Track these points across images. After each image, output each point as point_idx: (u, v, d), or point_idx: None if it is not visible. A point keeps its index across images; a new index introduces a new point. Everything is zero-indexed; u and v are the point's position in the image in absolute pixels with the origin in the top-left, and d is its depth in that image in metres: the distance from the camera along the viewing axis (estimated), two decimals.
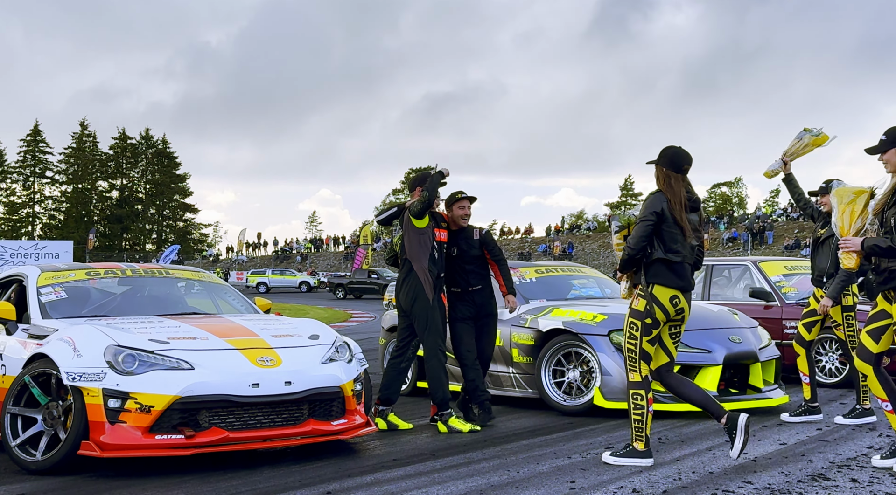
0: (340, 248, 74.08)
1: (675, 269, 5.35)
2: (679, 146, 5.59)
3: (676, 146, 5.59)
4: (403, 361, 7.06)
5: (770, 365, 7.85)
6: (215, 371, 5.37)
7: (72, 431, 5.18)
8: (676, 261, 5.33)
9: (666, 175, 5.45)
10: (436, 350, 6.82)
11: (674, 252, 5.33)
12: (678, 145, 5.59)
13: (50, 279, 6.55)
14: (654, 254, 5.33)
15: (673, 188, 5.40)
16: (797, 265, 10.87)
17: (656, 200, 5.39)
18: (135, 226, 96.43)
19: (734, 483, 4.88)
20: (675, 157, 5.49)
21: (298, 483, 5.00)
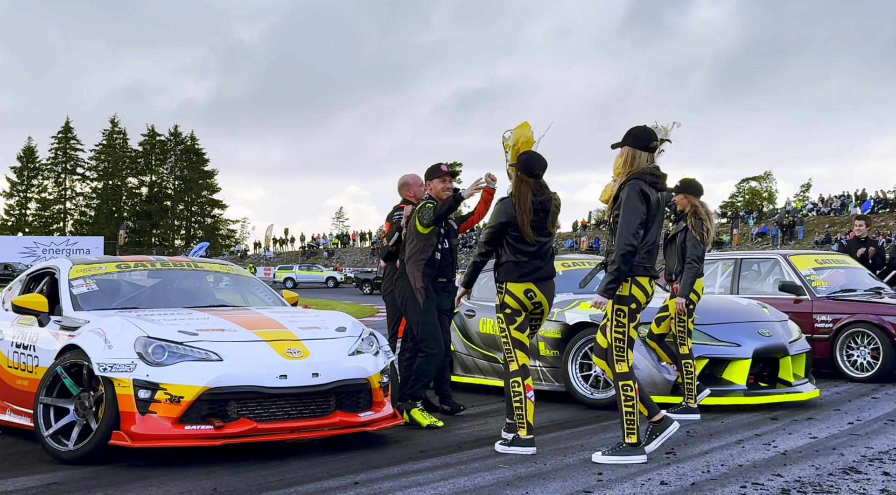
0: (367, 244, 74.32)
1: (523, 266, 5.60)
2: (536, 152, 5.83)
3: (533, 152, 5.83)
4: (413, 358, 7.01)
5: (800, 359, 7.77)
6: (243, 362, 5.39)
7: (103, 421, 5.24)
8: (523, 260, 5.61)
9: (518, 179, 5.70)
10: (430, 345, 6.75)
11: (520, 253, 5.61)
12: (535, 152, 5.84)
13: (81, 272, 6.61)
14: (503, 256, 5.68)
15: (521, 193, 5.63)
16: (828, 258, 10.75)
17: (502, 209, 5.70)
18: (164, 222, 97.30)
19: (764, 476, 4.84)
20: (528, 162, 5.71)
21: (326, 473, 5.02)
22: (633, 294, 5.34)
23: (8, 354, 6.35)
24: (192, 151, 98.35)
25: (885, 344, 9.12)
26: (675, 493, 4.45)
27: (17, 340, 6.31)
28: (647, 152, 5.43)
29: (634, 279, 5.32)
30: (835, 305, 9.62)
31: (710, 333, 7.38)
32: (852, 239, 12.17)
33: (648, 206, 5.31)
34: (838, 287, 10.03)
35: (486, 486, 4.64)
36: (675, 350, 7.03)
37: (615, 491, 4.51)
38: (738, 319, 7.67)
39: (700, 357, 7.21)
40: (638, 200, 5.26)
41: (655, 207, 5.38)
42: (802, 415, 6.97)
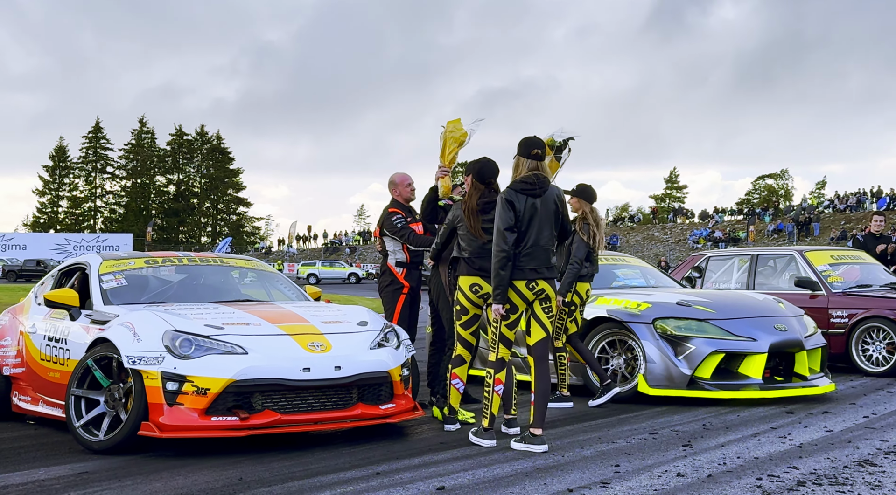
0: None
1: (470, 262, 5.91)
2: (490, 160, 6.11)
3: (487, 159, 6.11)
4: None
5: (816, 353, 7.72)
6: (268, 355, 5.41)
7: (132, 413, 5.28)
8: (466, 256, 5.95)
9: (471, 184, 6.04)
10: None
11: (464, 250, 5.97)
12: (490, 159, 6.12)
13: (111, 267, 6.66)
14: (455, 253, 6.09)
15: (472, 197, 5.98)
16: (843, 254, 10.66)
17: (454, 210, 6.16)
18: (190, 219, 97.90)
19: (780, 468, 4.81)
20: (483, 169, 6.05)
21: (349, 464, 5.03)
22: (509, 296, 5.57)
23: (41, 347, 6.42)
24: (218, 150, 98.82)
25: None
26: (692, 485, 4.43)
27: (49, 334, 6.37)
28: (529, 159, 5.63)
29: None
30: (850, 300, 9.55)
31: (727, 328, 7.34)
32: (868, 234, 12.07)
33: (516, 212, 5.50)
34: (854, 282, 9.96)
35: (504, 477, 4.64)
36: (551, 343, 6.98)
37: (632, 482, 4.50)
38: (754, 314, 7.63)
39: (716, 351, 7.18)
40: (502, 209, 5.51)
41: (529, 212, 5.53)
42: (818, 409, 6.92)
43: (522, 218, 5.50)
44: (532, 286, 5.52)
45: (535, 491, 4.31)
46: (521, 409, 6.38)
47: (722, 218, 61.70)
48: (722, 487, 4.38)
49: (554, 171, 6.90)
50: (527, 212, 5.50)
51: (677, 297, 7.75)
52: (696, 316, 7.40)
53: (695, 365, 7.14)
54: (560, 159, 6.89)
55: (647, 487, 4.39)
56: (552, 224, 5.62)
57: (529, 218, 5.51)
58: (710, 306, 7.58)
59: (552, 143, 6.83)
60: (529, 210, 5.51)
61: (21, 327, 6.83)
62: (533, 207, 5.53)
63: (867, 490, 4.32)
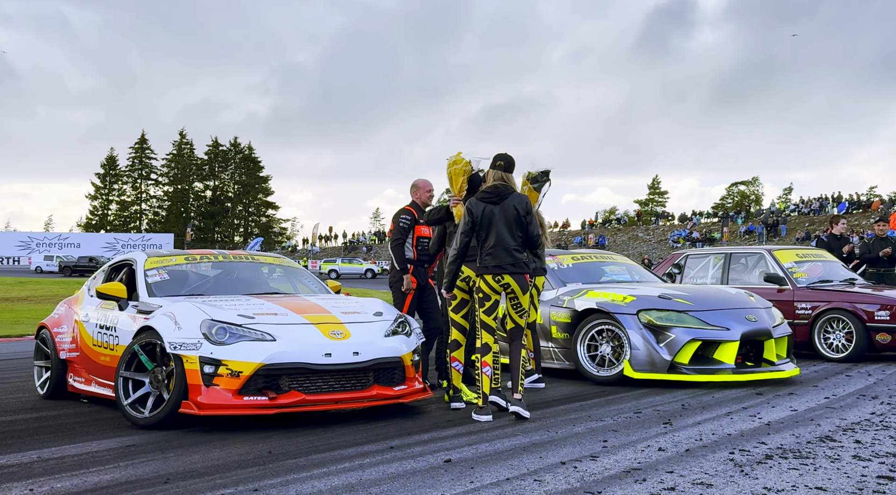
0: None
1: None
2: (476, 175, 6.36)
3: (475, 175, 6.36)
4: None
5: (783, 341, 7.70)
6: (294, 342, 5.43)
7: (174, 392, 5.30)
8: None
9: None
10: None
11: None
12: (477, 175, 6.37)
13: (155, 263, 6.68)
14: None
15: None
16: (808, 253, 10.64)
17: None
18: (225, 220, 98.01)
19: (750, 443, 4.80)
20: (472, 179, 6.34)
21: (365, 439, 5.04)
22: (480, 287, 5.76)
23: (93, 334, 6.44)
24: (249, 160, 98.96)
25: (858, 328, 9.03)
26: (672, 458, 4.43)
27: (100, 322, 6.39)
28: (493, 170, 5.91)
29: (481, 276, 5.76)
30: (813, 294, 9.53)
31: (703, 318, 7.33)
32: (831, 235, 12.03)
33: (473, 218, 5.77)
34: (817, 278, 9.94)
35: (504, 451, 4.64)
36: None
37: (618, 455, 4.49)
38: (727, 306, 7.62)
39: (694, 339, 7.17)
40: (464, 215, 5.82)
41: (487, 216, 5.74)
42: (784, 391, 6.90)
43: (481, 223, 5.75)
44: (498, 279, 5.71)
45: (532, 463, 4.31)
46: None
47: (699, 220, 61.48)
48: (698, 460, 4.37)
49: (534, 202, 6.86)
50: (485, 218, 5.74)
51: (659, 291, 7.75)
52: (675, 308, 7.39)
53: (674, 351, 7.13)
54: (539, 190, 6.88)
55: (631, 460, 4.39)
56: (513, 227, 5.74)
57: (488, 222, 5.73)
58: (689, 299, 7.57)
59: (531, 176, 6.87)
60: (488, 215, 5.74)
61: (76, 316, 6.87)
62: (491, 213, 5.74)
63: (827, 462, 4.31)
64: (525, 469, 4.19)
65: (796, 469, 4.18)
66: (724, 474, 4.07)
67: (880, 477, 4.00)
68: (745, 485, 3.85)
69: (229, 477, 4.10)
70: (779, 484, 3.87)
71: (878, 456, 4.48)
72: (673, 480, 3.95)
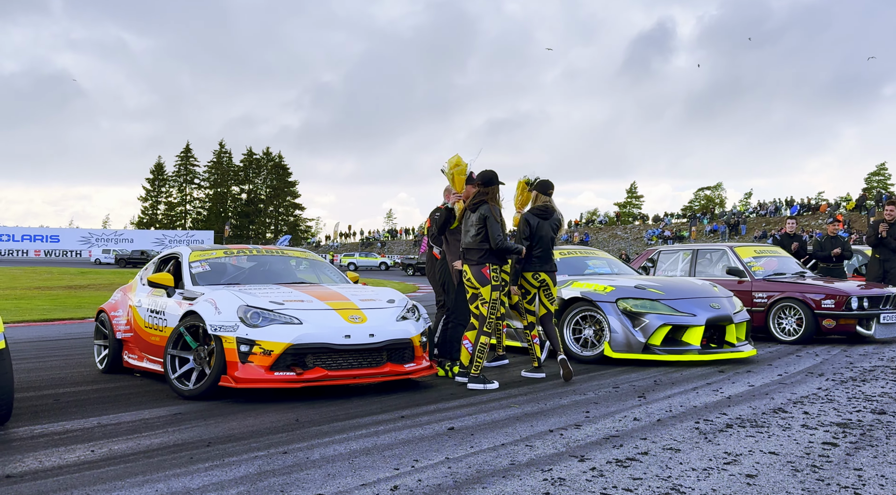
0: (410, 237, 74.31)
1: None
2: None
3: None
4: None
5: (742, 326, 7.69)
6: (318, 325, 5.43)
7: (214, 368, 5.32)
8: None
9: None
10: (458, 317, 6.84)
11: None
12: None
13: (198, 256, 6.69)
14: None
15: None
16: (764, 249, 10.62)
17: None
18: (258, 220, 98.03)
19: (713, 414, 4.81)
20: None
21: (380, 409, 5.06)
22: (522, 284, 6.53)
23: (145, 317, 6.46)
24: (279, 167, 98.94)
25: (807, 314, 9.02)
26: (645, 427, 4.43)
27: (151, 307, 6.41)
28: (539, 192, 6.62)
29: (522, 274, 6.48)
30: (769, 285, 9.52)
31: (673, 306, 7.32)
32: (784, 234, 12.01)
33: (531, 228, 6.45)
34: (772, 271, 9.92)
35: (500, 420, 4.65)
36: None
37: (599, 425, 4.50)
38: (694, 295, 7.61)
39: (665, 324, 7.16)
40: (523, 226, 6.53)
41: (540, 228, 6.47)
42: (743, 369, 6.90)
43: (535, 232, 6.45)
44: (536, 276, 6.48)
45: (524, 431, 4.32)
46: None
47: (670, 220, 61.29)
48: (668, 429, 4.38)
49: (530, 203, 6.97)
50: (539, 229, 6.48)
51: (635, 282, 7.74)
52: (649, 296, 7.38)
53: (648, 334, 7.13)
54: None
55: (610, 428, 4.39)
56: (553, 237, 6.57)
57: (539, 232, 6.49)
58: (661, 289, 7.57)
59: (528, 181, 7.07)
60: (540, 227, 6.49)
61: (130, 302, 6.88)
62: (541, 226, 6.50)
63: (779, 430, 4.31)
64: (518, 436, 4.20)
65: (752, 436, 4.19)
66: (690, 440, 4.08)
67: (825, 443, 4.01)
68: (708, 450, 3.86)
69: (262, 441, 4.12)
70: (738, 449, 3.87)
71: (824, 425, 4.48)
72: (646, 446, 3.96)
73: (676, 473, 3.45)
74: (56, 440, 4.20)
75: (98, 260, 59.14)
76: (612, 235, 59.34)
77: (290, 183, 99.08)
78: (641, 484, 3.28)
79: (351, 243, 79.64)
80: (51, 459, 3.78)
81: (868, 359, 7.61)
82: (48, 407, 5.21)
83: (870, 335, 8.96)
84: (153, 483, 3.33)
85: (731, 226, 50.76)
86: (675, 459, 3.69)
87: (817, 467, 3.56)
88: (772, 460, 3.68)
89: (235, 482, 3.34)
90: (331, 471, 3.49)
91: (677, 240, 51.21)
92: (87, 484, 3.32)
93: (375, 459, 3.70)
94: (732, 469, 3.53)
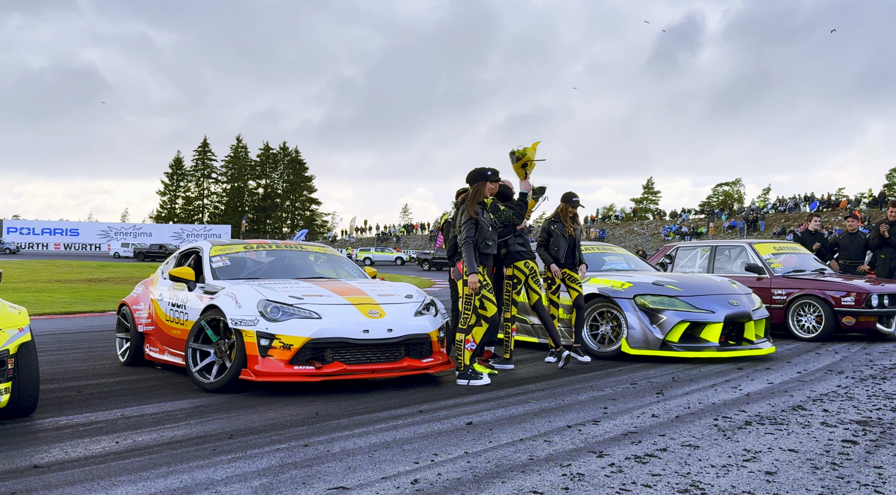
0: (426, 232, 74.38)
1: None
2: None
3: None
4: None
5: (761, 323, 7.65)
6: (337, 320, 5.46)
7: (235, 362, 5.37)
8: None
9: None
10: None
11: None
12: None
13: (218, 251, 6.75)
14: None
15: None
16: (784, 246, 10.53)
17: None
18: (275, 214, 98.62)
19: (731, 411, 4.80)
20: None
21: (398, 404, 5.09)
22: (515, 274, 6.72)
23: (166, 311, 6.54)
24: (296, 161, 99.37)
25: (826, 312, 8.95)
26: (664, 423, 4.43)
27: (172, 301, 6.48)
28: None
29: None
30: (788, 282, 9.45)
31: (691, 303, 7.30)
32: (805, 231, 11.89)
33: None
34: (791, 268, 9.84)
35: (518, 415, 4.67)
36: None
37: (617, 421, 4.50)
38: (712, 292, 7.57)
39: (683, 320, 7.14)
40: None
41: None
42: (762, 366, 6.87)
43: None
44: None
45: (542, 426, 4.34)
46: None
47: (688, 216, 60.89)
48: (686, 425, 4.38)
49: (531, 208, 6.97)
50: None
51: (653, 278, 7.71)
52: (667, 293, 7.36)
53: (666, 331, 7.11)
54: (537, 200, 7.03)
55: (628, 425, 4.40)
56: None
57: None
58: (679, 286, 7.54)
59: (517, 154, 6.84)
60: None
61: (151, 296, 6.96)
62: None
63: (798, 428, 4.30)
64: (536, 431, 4.22)
65: (772, 433, 4.17)
66: (709, 437, 4.08)
67: (844, 441, 3.99)
68: (727, 447, 3.86)
69: (283, 434, 4.17)
70: (756, 446, 3.87)
71: (843, 422, 4.46)
72: (664, 442, 3.96)
73: (695, 470, 3.46)
74: (81, 431, 4.28)
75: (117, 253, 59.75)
76: (629, 231, 59.04)
77: (306, 178, 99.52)
78: (660, 481, 3.29)
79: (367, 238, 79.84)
80: (76, 450, 3.85)
81: (888, 357, 7.54)
82: (72, 398, 5.29)
83: (890, 332, 8.87)
84: (177, 474, 3.39)
85: (750, 223, 50.33)
86: (694, 456, 3.69)
87: (837, 465, 3.55)
88: (791, 457, 3.67)
89: (258, 474, 3.39)
90: (351, 464, 3.53)
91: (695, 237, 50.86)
92: (112, 475, 3.39)
93: (395, 453, 3.73)
94: (752, 466, 3.52)
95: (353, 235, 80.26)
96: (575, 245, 7.44)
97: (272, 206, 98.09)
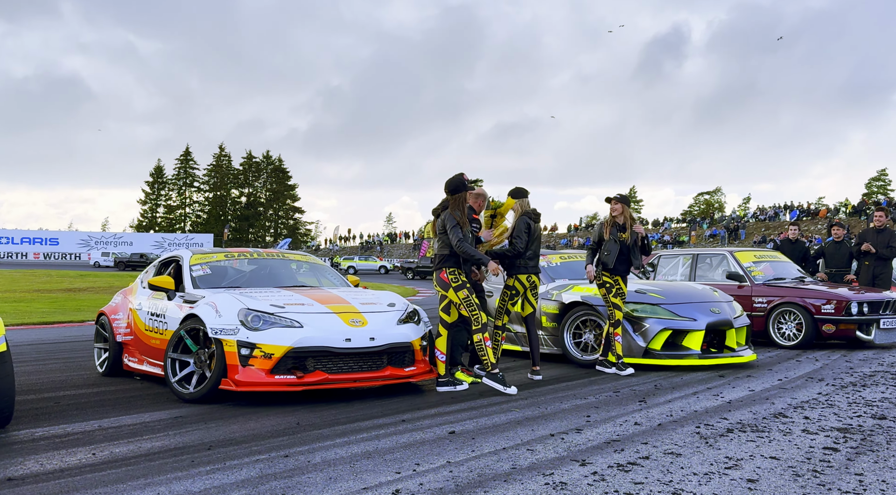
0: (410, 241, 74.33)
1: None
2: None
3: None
4: None
5: (742, 330, 7.70)
6: (318, 329, 5.43)
7: (215, 371, 5.32)
8: None
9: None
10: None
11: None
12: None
13: (199, 259, 6.70)
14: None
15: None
16: (764, 254, 10.63)
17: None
18: (258, 223, 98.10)
19: (713, 418, 4.81)
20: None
21: (380, 413, 5.06)
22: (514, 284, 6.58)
23: (145, 320, 6.46)
24: (279, 170, 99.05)
25: (807, 319, 9.02)
26: (646, 432, 4.44)
27: (151, 310, 6.41)
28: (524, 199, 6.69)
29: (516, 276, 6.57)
30: (769, 290, 9.52)
31: (674, 310, 7.33)
32: (785, 240, 12.00)
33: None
34: (771, 276, 9.92)
35: (501, 424, 4.66)
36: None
37: (600, 429, 4.50)
38: (694, 300, 7.62)
39: (665, 328, 7.17)
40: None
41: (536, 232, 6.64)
42: (743, 374, 6.91)
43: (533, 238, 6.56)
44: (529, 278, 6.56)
45: (525, 435, 4.32)
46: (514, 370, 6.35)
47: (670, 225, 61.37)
48: (669, 433, 4.38)
49: (506, 210, 6.95)
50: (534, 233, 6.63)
51: (635, 286, 7.74)
52: (649, 301, 7.39)
53: (648, 339, 7.14)
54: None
55: (611, 433, 4.40)
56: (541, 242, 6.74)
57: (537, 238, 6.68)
58: (661, 294, 7.57)
59: (494, 204, 7.05)
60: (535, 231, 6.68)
61: (130, 305, 6.88)
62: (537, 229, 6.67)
63: (780, 435, 4.32)
64: (519, 439, 4.21)
65: (753, 441, 4.19)
66: (691, 445, 4.08)
67: (825, 449, 4.01)
68: (709, 455, 3.87)
69: (263, 444, 4.12)
70: (738, 454, 3.88)
71: (824, 430, 4.48)
72: (647, 450, 3.96)
73: (678, 477, 3.46)
74: (57, 443, 4.20)
75: (97, 263, 59.12)
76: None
77: (289, 186, 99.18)
78: (643, 489, 3.28)
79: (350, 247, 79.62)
80: (52, 462, 3.78)
81: (868, 364, 7.61)
82: (49, 410, 5.21)
83: (870, 340, 8.97)
84: (154, 486, 3.33)
85: (731, 231, 50.81)
86: (677, 464, 3.69)
87: (818, 472, 3.56)
88: (773, 465, 3.68)
89: (237, 485, 3.34)
90: (332, 475, 3.49)
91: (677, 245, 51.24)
92: (88, 487, 3.32)
93: (377, 463, 3.70)
94: (734, 473, 3.53)
95: (336, 244, 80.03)
96: (629, 251, 7.03)
97: (255, 215, 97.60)
